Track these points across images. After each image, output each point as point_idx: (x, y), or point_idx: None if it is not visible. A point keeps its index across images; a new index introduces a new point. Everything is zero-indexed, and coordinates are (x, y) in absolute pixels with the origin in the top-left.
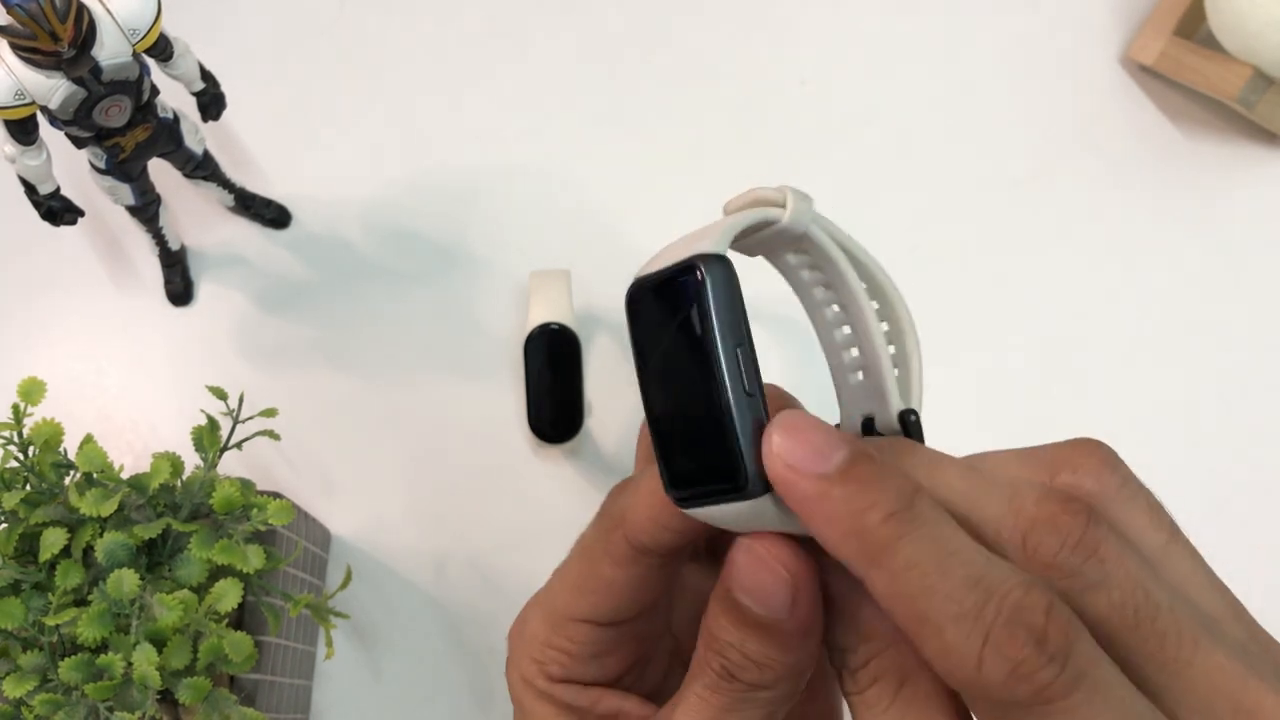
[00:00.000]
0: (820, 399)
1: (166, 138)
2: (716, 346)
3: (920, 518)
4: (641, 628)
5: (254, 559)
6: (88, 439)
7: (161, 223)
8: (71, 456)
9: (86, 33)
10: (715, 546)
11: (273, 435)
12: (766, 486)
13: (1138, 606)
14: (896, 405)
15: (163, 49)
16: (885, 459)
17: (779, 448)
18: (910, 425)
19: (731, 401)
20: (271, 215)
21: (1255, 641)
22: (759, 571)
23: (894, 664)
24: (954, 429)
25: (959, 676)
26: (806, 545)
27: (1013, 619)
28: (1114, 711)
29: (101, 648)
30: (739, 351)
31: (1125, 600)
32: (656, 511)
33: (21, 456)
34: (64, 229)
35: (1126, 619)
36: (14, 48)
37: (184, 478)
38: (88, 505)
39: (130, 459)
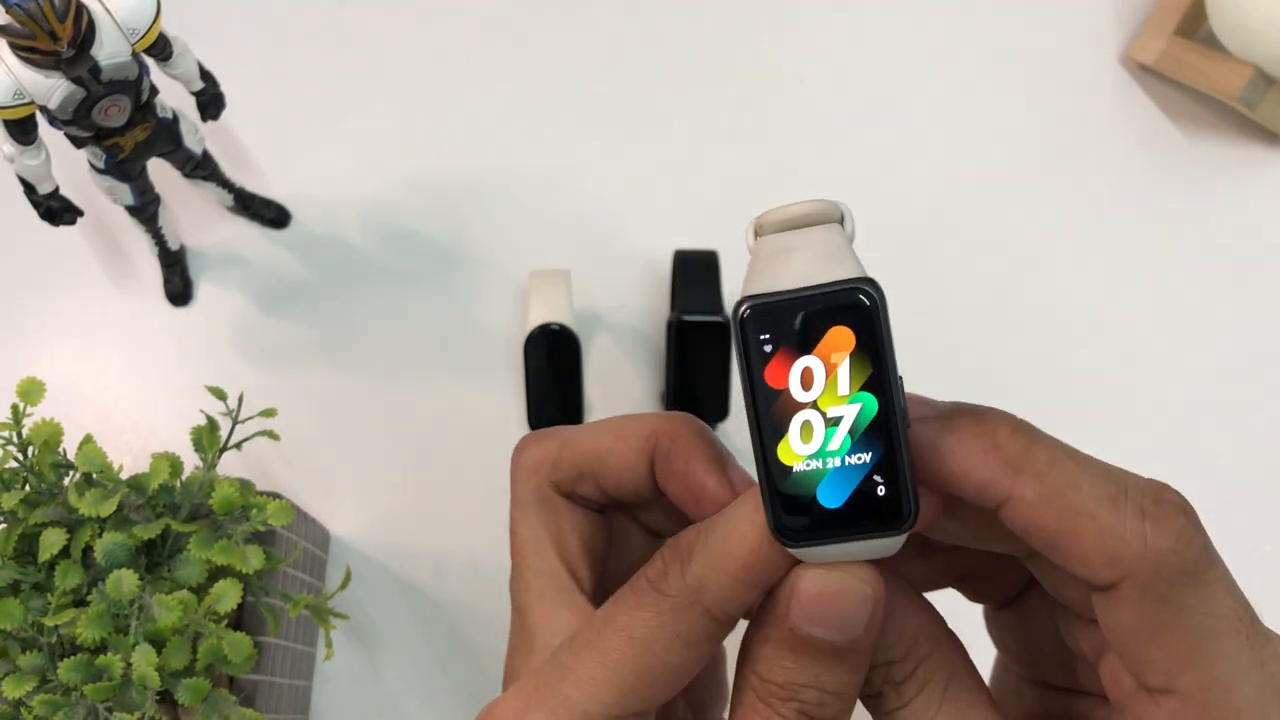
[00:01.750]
0: None
1: (166, 137)
2: (892, 374)
3: (1035, 430)
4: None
5: (253, 559)
6: (87, 439)
7: (161, 223)
8: (71, 457)
9: (85, 32)
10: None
11: (272, 435)
12: (915, 520)
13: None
14: None
15: (162, 48)
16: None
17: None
18: None
19: (902, 434)
20: (271, 215)
21: None
22: (838, 600)
23: (941, 665)
24: None
25: (1124, 556)
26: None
27: (1159, 496)
28: (1238, 594)
29: (101, 648)
30: (901, 381)
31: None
32: (757, 568)
33: (21, 457)
34: (63, 229)
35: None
36: (13, 47)
37: (183, 478)
38: (87, 505)
39: (129, 459)
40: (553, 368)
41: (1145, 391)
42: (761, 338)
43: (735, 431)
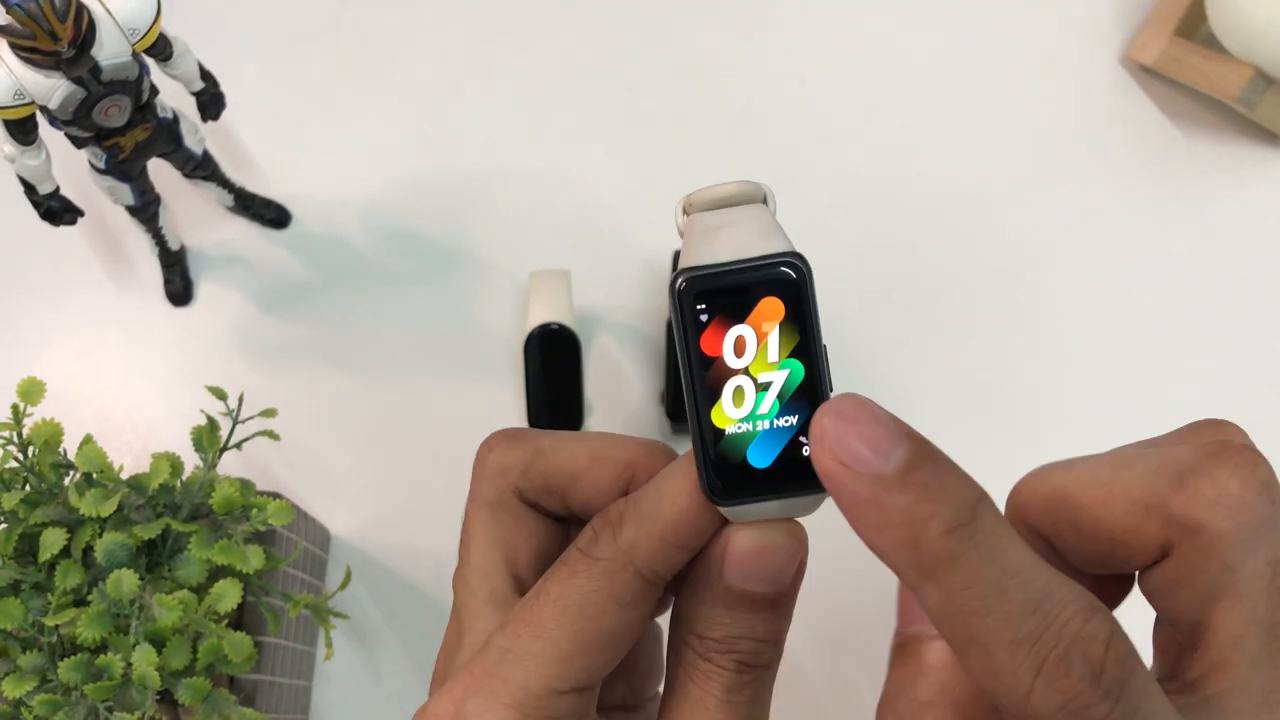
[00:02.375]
0: None
1: (166, 137)
2: (818, 342)
3: (982, 531)
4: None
5: (253, 559)
6: (87, 439)
7: (161, 223)
8: (71, 457)
9: (86, 32)
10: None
11: (272, 435)
12: None
13: None
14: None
15: (162, 49)
16: (945, 457)
17: (832, 438)
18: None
19: (826, 399)
20: (271, 215)
21: None
22: (769, 555)
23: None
24: (953, 429)
25: (1005, 701)
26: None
27: (1070, 650)
28: None
29: (101, 648)
30: (825, 349)
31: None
32: (685, 529)
33: (21, 457)
34: (64, 229)
35: (1275, 581)
36: (13, 47)
37: (184, 478)
38: (87, 505)
39: (130, 459)
40: (553, 368)
41: (1145, 390)
42: (698, 307)
43: None
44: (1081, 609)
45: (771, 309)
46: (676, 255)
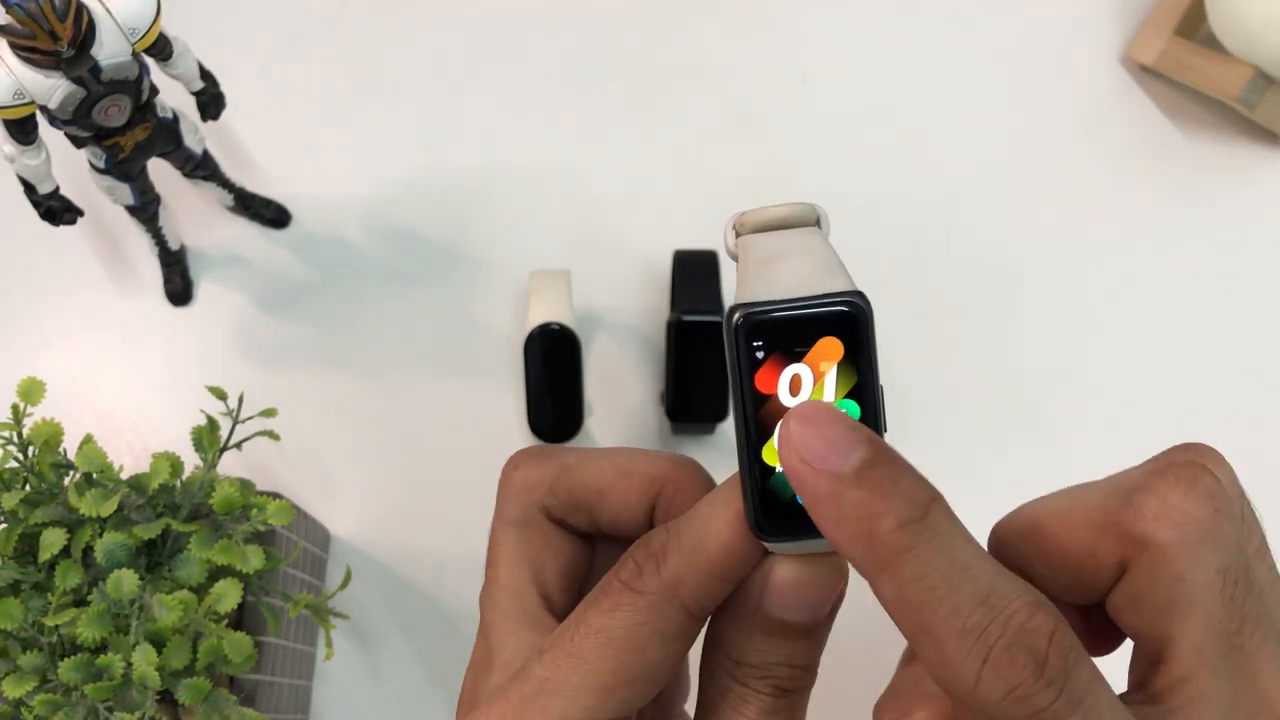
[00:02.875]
0: None
1: (166, 137)
2: (875, 384)
3: (933, 528)
4: None
5: (254, 559)
6: (87, 439)
7: (161, 223)
8: (71, 457)
9: (86, 32)
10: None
11: (272, 435)
12: None
13: (1239, 577)
14: None
15: (162, 48)
16: (902, 461)
17: (797, 439)
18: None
19: (882, 439)
20: (271, 215)
21: None
22: (811, 588)
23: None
24: (952, 428)
25: (954, 689)
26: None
27: (1015, 640)
28: None
29: (101, 648)
30: (882, 390)
31: (1232, 565)
32: (730, 563)
33: (21, 457)
34: (63, 229)
35: (1226, 588)
36: (13, 47)
37: (184, 478)
38: (87, 505)
39: (130, 459)
40: (553, 368)
41: (1145, 391)
42: (754, 344)
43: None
44: (1027, 603)
45: (830, 349)
46: (676, 255)
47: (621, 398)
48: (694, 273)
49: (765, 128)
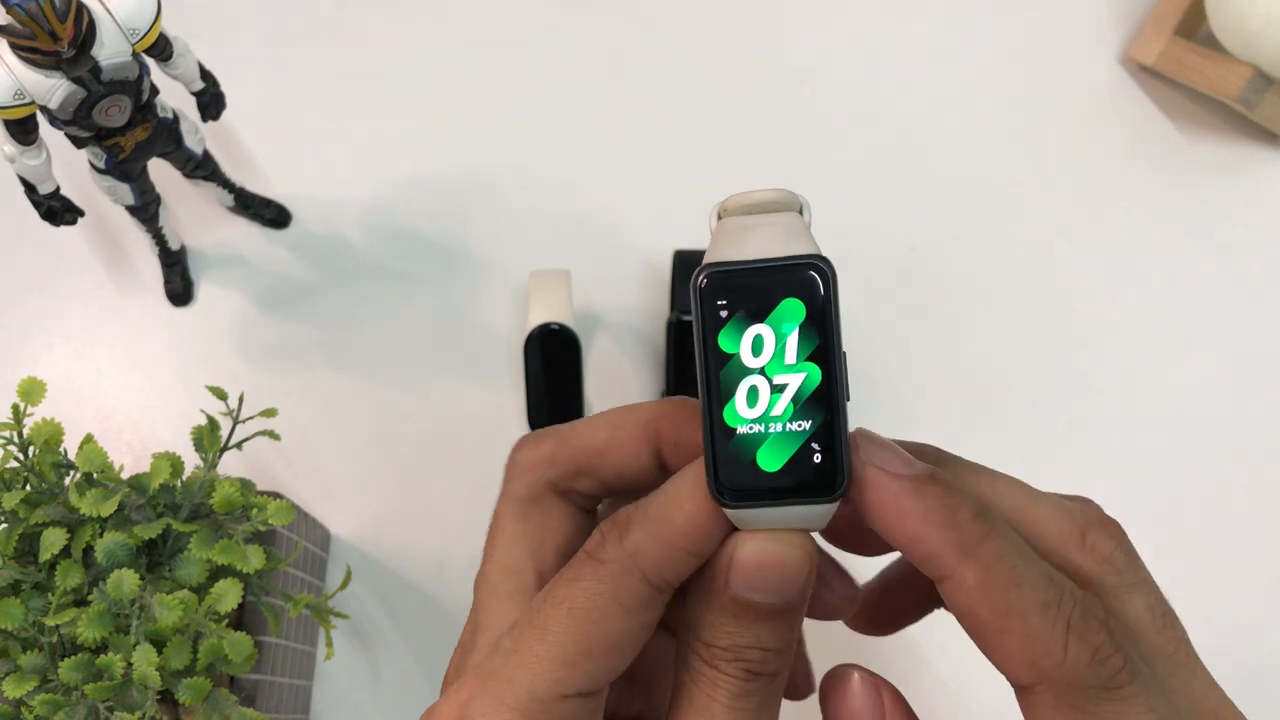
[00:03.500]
0: None
1: (166, 137)
2: (837, 348)
3: (994, 517)
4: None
5: (254, 559)
6: (87, 439)
7: (161, 223)
8: (71, 456)
9: (86, 32)
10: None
11: (273, 435)
12: (846, 490)
13: (1165, 611)
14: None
15: (162, 48)
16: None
17: (866, 450)
18: None
19: (842, 405)
20: (271, 215)
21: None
22: (775, 568)
23: None
24: (950, 428)
25: (1044, 663)
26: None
27: (1087, 610)
28: (1160, 707)
29: (101, 648)
30: (844, 356)
31: (1157, 604)
32: (692, 534)
33: (21, 456)
34: (64, 229)
35: (1156, 620)
36: (13, 47)
37: (184, 478)
38: (88, 505)
39: (130, 459)
40: (553, 368)
41: (1145, 391)
42: (719, 303)
43: None
44: (1068, 577)
45: (793, 310)
46: (676, 255)
47: (621, 398)
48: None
49: (765, 128)
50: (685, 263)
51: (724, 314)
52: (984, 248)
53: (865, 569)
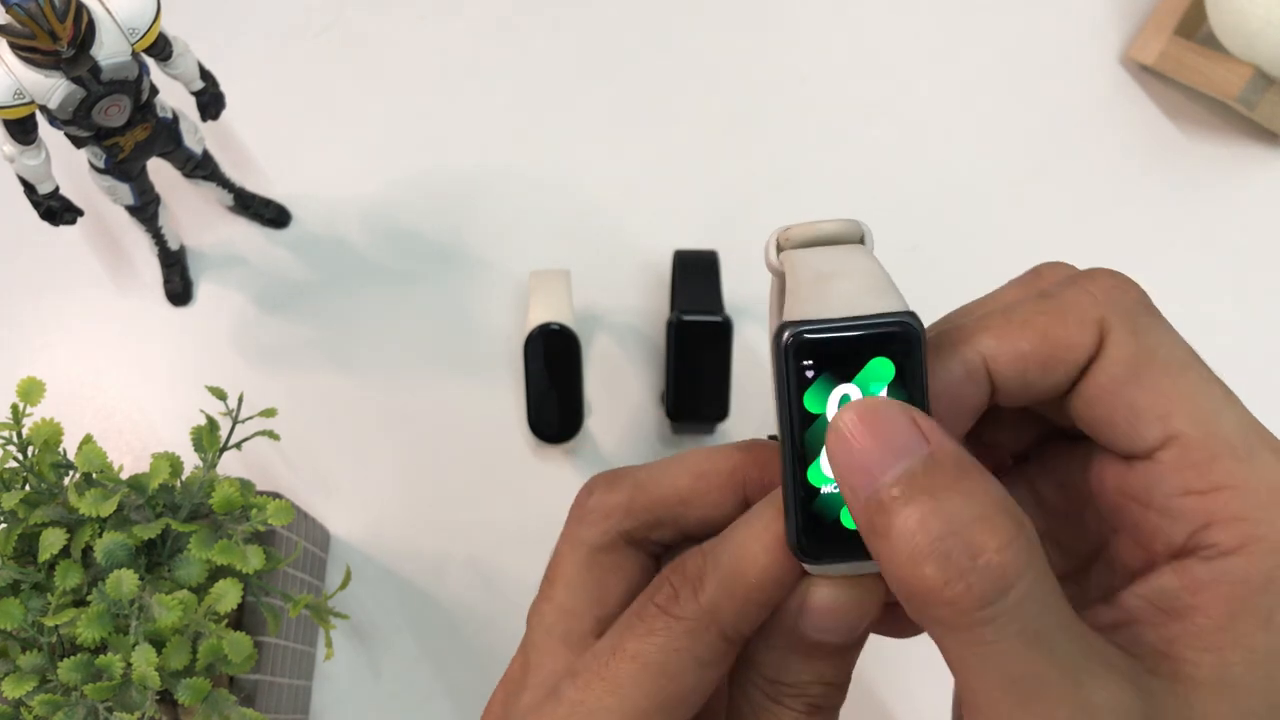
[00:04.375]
0: None
1: (166, 137)
2: (928, 404)
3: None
4: None
5: (253, 559)
6: (87, 439)
7: (161, 222)
8: (71, 456)
9: (85, 32)
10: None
11: (272, 435)
12: None
13: None
14: None
15: (162, 48)
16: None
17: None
18: None
19: None
20: (271, 215)
21: None
22: (848, 611)
23: None
24: None
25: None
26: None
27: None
28: (1178, 336)
29: (101, 648)
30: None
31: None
32: (769, 588)
33: (21, 456)
34: (63, 229)
35: None
36: (13, 47)
37: (183, 478)
38: (87, 505)
39: (130, 459)
40: (553, 368)
41: None
42: (804, 363)
43: (735, 433)
44: None
45: (881, 371)
46: (676, 255)
47: (622, 398)
48: (694, 273)
49: (765, 128)
50: (685, 263)
51: (810, 374)
52: (983, 246)
53: None
